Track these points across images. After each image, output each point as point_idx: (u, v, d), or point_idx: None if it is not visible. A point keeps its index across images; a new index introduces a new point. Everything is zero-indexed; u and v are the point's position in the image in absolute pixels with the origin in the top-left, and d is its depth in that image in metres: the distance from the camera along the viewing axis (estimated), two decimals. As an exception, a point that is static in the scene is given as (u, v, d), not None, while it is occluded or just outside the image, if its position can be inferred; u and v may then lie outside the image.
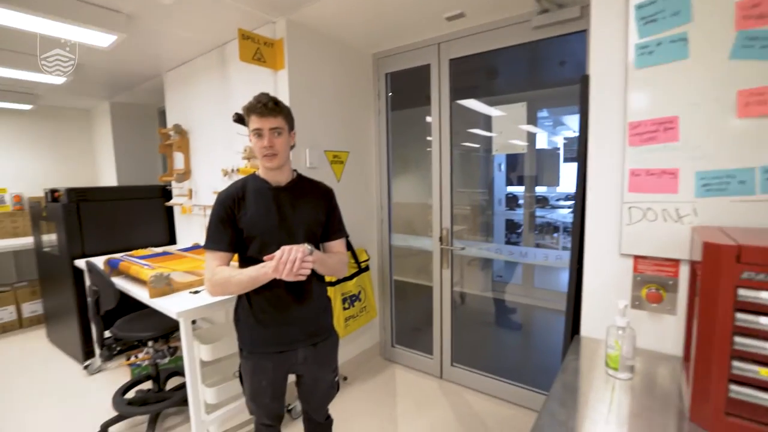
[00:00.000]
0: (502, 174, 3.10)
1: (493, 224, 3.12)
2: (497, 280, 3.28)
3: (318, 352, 1.42)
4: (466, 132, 2.82)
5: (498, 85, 2.82)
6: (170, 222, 3.45)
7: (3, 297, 3.67)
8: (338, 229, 1.48)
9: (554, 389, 0.99)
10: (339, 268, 1.44)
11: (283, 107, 1.33)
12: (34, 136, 4.26)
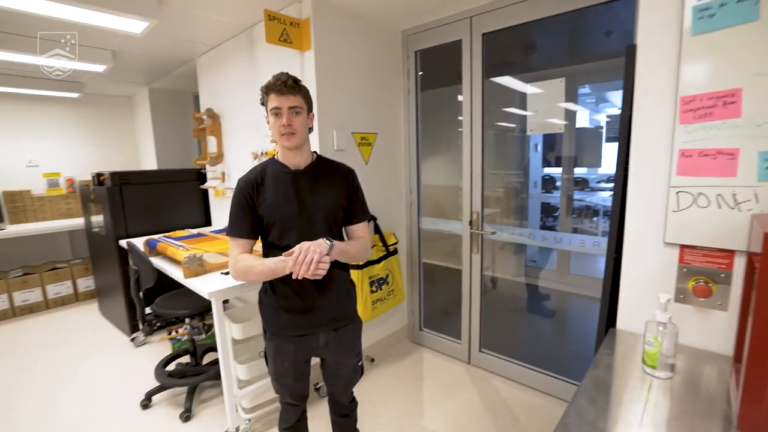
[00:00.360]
0: (539, 155, 2.95)
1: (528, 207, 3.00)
2: (531, 265, 3.17)
3: (340, 336, 1.41)
4: (501, 111, 2.69)
5: (535, 60, 2.64)
6: (206, 204, 3.58)
7: (61, 273, 3.99)
8: (360, 212, 1.43)
9: (584, 385, 0.93)
10: (361, 255, 1.40)
11: (303, 87, 1.29)
12: (82, 122, 4.50)
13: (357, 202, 1.42)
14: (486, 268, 2.90)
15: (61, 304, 3.98)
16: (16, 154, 4.13)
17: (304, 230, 1.29)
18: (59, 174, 4.39)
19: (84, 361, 2.82)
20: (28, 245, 4.19)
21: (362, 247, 1.41)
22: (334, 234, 1.37)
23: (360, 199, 1.43)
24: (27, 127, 4.17)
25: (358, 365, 1.52)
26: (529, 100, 2.29)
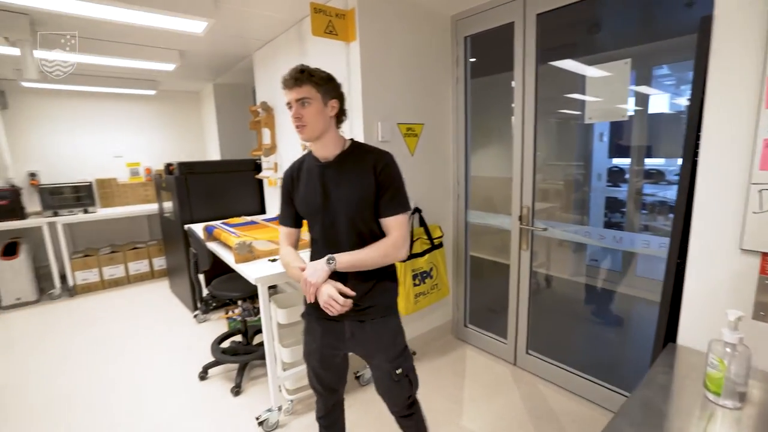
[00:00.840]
0: (604, 144, 2.69)
1: (589, 202, 2.76)
2: (592, 264, 2.93)
3: (365, 330, 1.33)
4: (562, 98, 2.48)
5: (600, 40, 2.39)
6: (261, 193, 3.76)
7: (140, 252, 4.46)
8: (392, 204, 1.26)
9: (629, 406, 0.83)
10: (381, 260, 1.26)
11: (314, 75, 1.23)
12: (157, 116, 4.95)
13: (388, 193, 1.26)
14: (540, 265, 2.73)
15: (139, 279, 4.46)
16: (104, 146, 4.65)
17: (327, 223, 1.28)
18: (139, 164, 4.88)
19: (154, 332, 3.13)
20: (114, 227, 4.73)
21: (382, 251, 1.25)
22: (359, 228, 1.27)
23: (392, 188, 1.26)
24: (112, 122, 4.67)
25: (396, 373, 1.35)
26: (589, 85, 2.09)
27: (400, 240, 1.27)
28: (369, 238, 1.28)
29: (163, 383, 2.42)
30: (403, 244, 1.27)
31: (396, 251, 1.27)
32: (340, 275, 1.26)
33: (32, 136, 4.25)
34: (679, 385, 0.91)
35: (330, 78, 1.28)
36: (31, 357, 2.84)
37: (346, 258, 1.24)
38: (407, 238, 1.29)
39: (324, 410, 1.52)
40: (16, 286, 3.82)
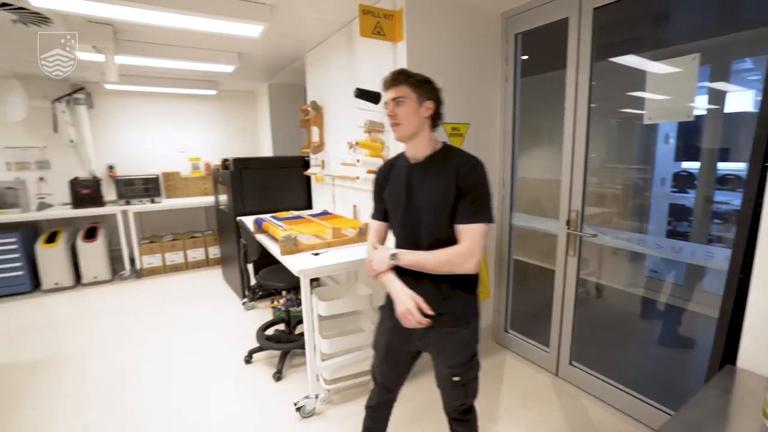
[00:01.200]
0: (670, 146, 2.49)
1: (650, 208, 2.57)
2: (651, 275, 2.73)
3: (435, 335, 1.31)
4: (624, 96, 2.34)
5: (670, 33, 2.21)
6: (308, 189, 3.91)
7: (197, 241, 4.80)
8: (469, 212, 1.22)
9: (671, 426, 0.78)
10: (443, 267, 1.23)
11: (409, 77, 1.27)
12: (217, 115, 5.29)
13: (466, 198, 1.22)
14: (591, 273, 2.60)
15: (196, 266, 4.81)
16: (170, 142, 5.06)
17: (407, 223, 1.32)
18: (199, 159, 5.25)
19: (207, 316, 3.37)
20: (176, 216, 5.14)
21: (443, 259, 1.22)
22: (436, 232, 1.27)
23: (471, 195, 1.22)
24: (178, 120, 5.06)
25: (453, 380, 1.35)
26: (649, 83, 1.95)
27: (468, 250, 1.21)
28: (446, 243, 1.25)
29: (212, 363, 2.61)
30: (470, 255, 1.21)
31: (461, 262, 1.22)
32: (415, 276, 1.29)
33: (111, 132, 4.72)
34: (734, 411, 0.83)
35: (427, 80, 1.31)
36: (102, 329, 3.18)
37: (408, 257, 1.28)
38: (477, 250, 1.21)
39: (375, 401, 1.56)
40: (93, 266, 4.28)
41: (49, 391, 2.35)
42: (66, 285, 4.15)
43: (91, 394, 2.31)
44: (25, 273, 3.98)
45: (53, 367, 2.61)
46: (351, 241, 2.40)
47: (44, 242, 4.03)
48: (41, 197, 4.35)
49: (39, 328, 3.24)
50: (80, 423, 2.07)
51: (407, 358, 1.45)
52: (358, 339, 2.25)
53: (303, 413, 2.06)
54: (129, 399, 2.26)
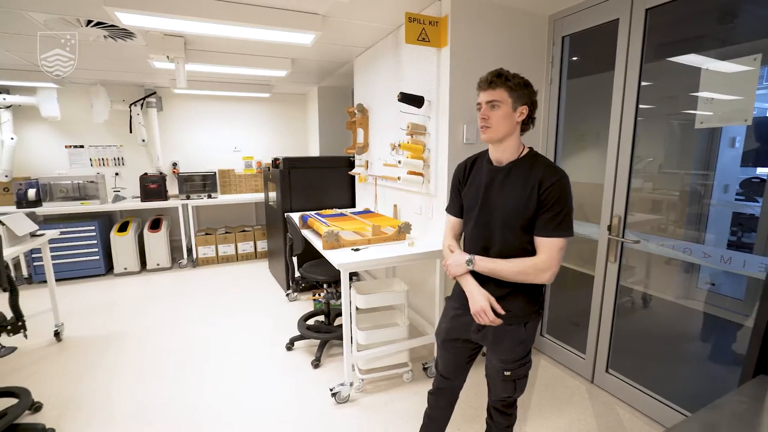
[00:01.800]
0: (736, 151, 2.35)
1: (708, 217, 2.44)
2: (706, 288, 2.59)
3: (492, 329, 1.37)
4: (685, 97, 2.25)
5: (731, 31, 2.10)
6: (352, 188, 4.07)
7: (247, 234, 5.14)
8: (549, 225, 1.24)
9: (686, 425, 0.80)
10: (518, 277, 1.28)
11: (510, 80, 1.27)
12: (269, 116, 5.62)
13: (548, 212, 1.24)
14: (637, 282, 2.51)
15: (245, 258, 5.15)
16: (226, 142, 5.45)
17: (480, 224, 1.37)
18: (252, 157, 5.60)
19: (253, 304, 3.63)
20: (229, 211, 5.54)
21: (520, 269, 1.26)
22: (509, 239, 1.30)
23: (553, 209, 1.23)
24: (234, 121, 5.45)
25: (504, 374, 1.39)
26: (704, 84, 1.87)
27: (545, 263, 1.25)
28: (518, 251, 1.30)
29: (258, 347, 2.82)
30: (547, 268, 1.25)
31: (536, 273, 1.26)
32: (486, 278, 1.35)
33: (176, 132, 5.18)
34: (756, 418, 0.84)
35: (526, 84, 1.30)
36: (163, 311, 3.52)
37: (483, 264, 1.33)
38: (555, 263, 1.25)
39: (434, 387, 1.65)
40: (157, 254, 4.72)
41: (120, 362, 2.66)
42: (133, 270, 4.61)
43: (155, 367, 2.59)
44: (100, 258, 4.48)
45: (124, 341, 2.95)
46: (390, 238, 2.50)
47: (117, 231, 4.52)
48: (117, 190, 4.87)
49: (112, 305, 3.66)
50: (146, 391, 2.34)
51: (465, 349, 1.51)
52: (393, 332, 2.35)
53: (338, 399, 2.19)
54: (184, 373, 2.51)
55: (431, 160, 2.49)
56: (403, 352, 2.40)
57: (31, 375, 2.48)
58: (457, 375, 1.58)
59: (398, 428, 1.99)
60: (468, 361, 1.56)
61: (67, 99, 4.58)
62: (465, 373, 1.59)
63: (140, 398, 2.26)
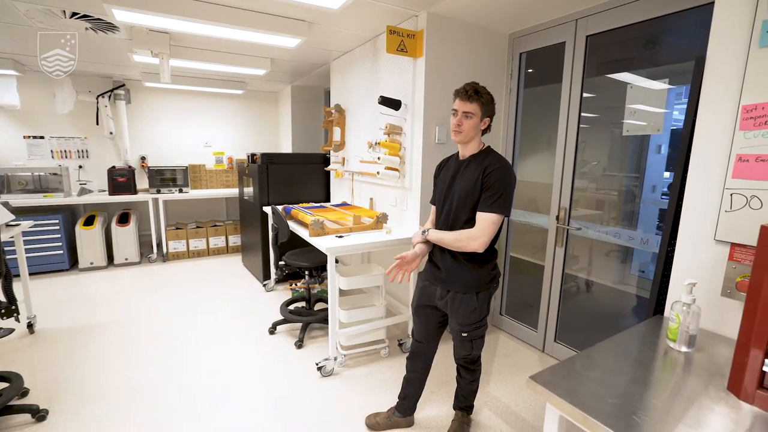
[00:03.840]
0: (663, 156, 2.82)
1: (639, 213, 2.90)
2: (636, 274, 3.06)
3: (450, 297, 1.67)
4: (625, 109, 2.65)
5: (663, 55, 2.53)
6: (327, 183, 4.28)
7: (219, 229, 5.18)
8: (486, 202, 1.52)
9: (604, 344, 1.13)
10: (455, 244, 1.57)
11: (482, 97, 1.55)
12: (241, 113, 5.69)
13: (486, 192, 1.52)
14: (581, 270, 2.92)
15: (217, 253, 5.19)
16: (197, 137, 5.46)
17: (445, 209, 1.68)
18: (223, 153, 5.64)
19: (231, 295, 3.75)
20: (200, 206, 5.54)
21: (456, 237, 1.57)
22: (461, 217, 1.60)
23: (491, 189, 1.51)
24: (206, 116, 5.46)
25: (462, 335, 1.68)
26: (629, 98, 2.30)
27: (476, 233, 1.53)
28: (468, 225, 1.59)
29: (241, 332, 2.98)
30: (477, 236, 1.52)
31: (468, 240, 1.54)
32: (441, 249, 1.68)
33: (146, 126, 5.13)
34: (651, 337, 1.19)
35: (492, 99, 1.61)
36: (136, 304, 3.55)
37: (433, 234, 1.67)
38: (485, 234, 1.51)
39: (411, 353, 1.93)
40: (125, 248, 4.66)
41: (98, 350, 2.70)
42: (100, 265, 4.53)
43: (135, 354, 2.67)
44: (64, 252, 4.37)
45: (98, 332, 2.97)
46: (369, 227, 2.76)
47: (83, 225, 4.43)
48: (83, 183, 4.75)
49: (79, 300, 3.61)
50: (131, 375, 2.42)
51: (435, 315, 1.79)
52: (372, 312, 2.61)
53: (323, 372, 2.42)
54: (169, 358, 2.61)
55: (407, 158, 2.78)
56: (380, 330, 2.67)
57: (10, 364, 2.49)
58: (429, 340, 1.88)
59: (378, 395, 2.25)
60: (438, 327, 1.85)
61: (28, 87, 4.43)
62: (436, 338, 1.89)
63: (127, 381, 2.34)
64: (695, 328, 1.07)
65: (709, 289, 1.22)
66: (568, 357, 1.04)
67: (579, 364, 1.03)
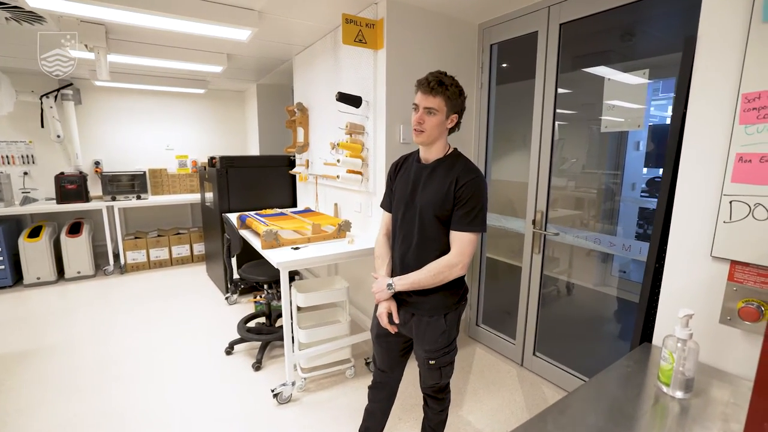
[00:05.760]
0: (640, 153, 2.66)
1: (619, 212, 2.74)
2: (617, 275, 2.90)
3: (414, 322, 1.44)
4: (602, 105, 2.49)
5: (636, 48, 2.36)
6: (293, 187, 4.01)
7: (182, 237, 4.85)
8: (462, 220, 1.31)
9: (584, 388, 0.92)
10: (434, 280, 1.34)
11: (449, 90, 1.31)
12: (205, 113, 5.36)
13: (461, 208, 1.31)
14: (561, 272, 2.74)
15: (180, 262, 4.85)
16: (158, 140, 5.11)
17: (406, 218, 1.43)
18: (187, 156, 5.30)
19: (190, 310, 3.44)
20: (162, 213, 5.19)
21: (434, 271, 1.32)
22: (428, 233, 1.36)
23: (467, 205, 1.30)
24: (166, 118, 5.12)
25: (430, 363, 1.45)
26: (607, 93, 2.11)
27: (456, 258, 1.32)
28: (435, 245, 1.37)
29: (195, 354, 2.69)
30: (457, 262, 1.32)
31: (449, 270, 1.32)
32: (402, 268, 1.45)
33: (99, 128, 4.76)
34: (639, 377, 0.98)
35: (461, 92, 1.36)
36: (85, 323, 3.22)
37: (402, 282, 1.40)
38: (465, 256, 1.31)
39: (373, 382, 1.69)
40: (77, 261, 4.29)
41: (33, 381, 2.39)
42: (48, 280, 4.16)
43: (75, 384, 2.37)
44: (6, 267, 3.98)
45: (36, 358, 2.65)
46: (330, 236, 2.51)
47: (27, 237, 4.04)
48: (26, 192, 4.36)
49: (21, 321, 3.27)
50: (65, 411, 2.13)
51: (397, 342, 1.57)
52: (335, 330, 2.36)
53: (280, 399, 2.16)
54: (113, 389, 2.32)
55: (370, 159, 2.54)
56: (345, 349, 2.43)
57: None
58: (394, 368, 1.64)
59: (341, 424, 2.01)
60: (402, 355, 1.62)
61: (-39, 88, 4.01)
62: (401, 366, 1.66)
63: (61, 418, 2.06)
64: (692, 369, 0.87)
65: (704, 315, 1.02)
66: (539, 413, 0.82)
67: (552, 423, 0.81)
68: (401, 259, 1.47)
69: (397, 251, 1.49)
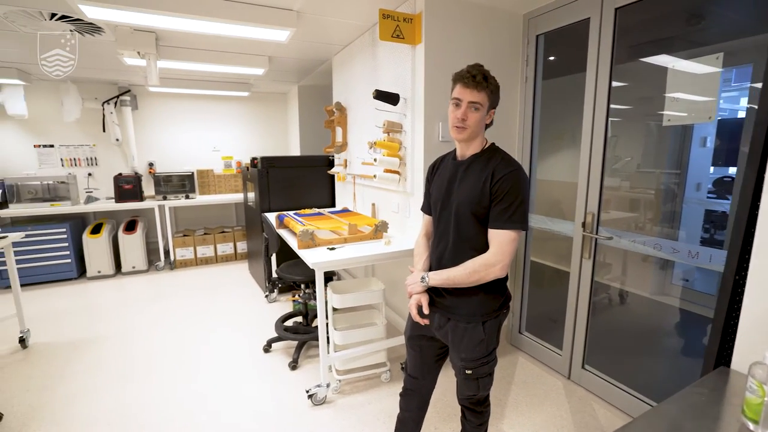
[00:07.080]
0: (707, 150, 2.40)
1: (681, 215, 2.49)
2: (680, 284, 2.63)
3: (450, 328, 1.36)
4: (662, 98, 2.27)
5: (704, 32, 2.12)
6: (332, 187, 4.03)
7: (227, 236, 5.04)
8: (500, 217, 1.22)
9: (648, 416, 0.80)
10: (470, 279, 1.25)
11: (492, 83, 1.26)
12: (249, 115, 5.53)
13: (499, 204, 1.22)
14: (614, 279, 2.54)
15: (225, 260, 5.05)
16: (205, 141, 5.34)
17: (443, 218, 1.37)
18: (232, 157, 5.50)
19: (232, 306, 3.55)
20: (208, 212, 5.43)
21: (470, 269, 1.24)
22: (463, 231, 1.30)
23: (505, 201, 1.22)
24: (213, 120, 5.34)
25: (466, 373, 1.37)
26: (670, 83, 1.90)
27: (494, 258, 1.23)
28: (472, 244, 1.29)
29: (235, 350, 2.76)
30: (496, 262, 1.23)
31: (486, 270, 1.23)
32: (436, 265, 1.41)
33: (153, 131, 5.05)
34: (715, 408, 0.84)
35: (498, 87, 1.31)
36: (138, 315, 3.42)
37: (437, 277, 1.34)
38: (504, 256, 1.22)
39: (404, 389, 1.63)
40: (133, 256, 4.59)
41: (90, 367, 2.56)
42: (107, 273, 4.47)
43: (126, 372, 2.51)
44: (72, 261, 4.33)
45: (94, 346, 2.85)
46: (366, 237, 2.47)
47: (90, 233, 4.37)
48: (89, 191, 4.72)
49: (83, 311, 3.53)
50: (116, 396, 2.26)
51: (432, 347, 1.50)
52: (370, 332, 2.32)
53: (314, 400, 2.15)
54: (157, 378, 2.43)
55: (407, 158, 2.48)
56: (380, 352, 2.38)
57: (-7, 384, 2.38)
58: (425, 374, 1.56)
59: (374, 429, 1.96)
60: (436, 360, 1.54)
61: (35, 97, 4.42)
62: (434, 373, 1.57)
63: (111, 405, 2.18)
64: (788, 405, 0.72)
65: (799, 338, 0.86)
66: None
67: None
68: (438, 260, 1.41)
69: (435, 252, 1.43)
